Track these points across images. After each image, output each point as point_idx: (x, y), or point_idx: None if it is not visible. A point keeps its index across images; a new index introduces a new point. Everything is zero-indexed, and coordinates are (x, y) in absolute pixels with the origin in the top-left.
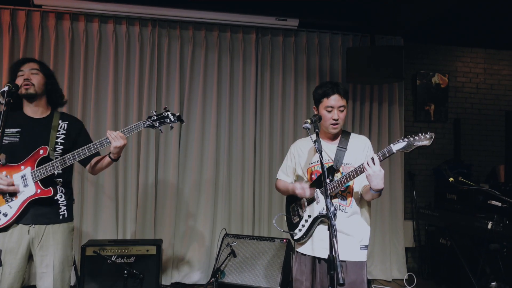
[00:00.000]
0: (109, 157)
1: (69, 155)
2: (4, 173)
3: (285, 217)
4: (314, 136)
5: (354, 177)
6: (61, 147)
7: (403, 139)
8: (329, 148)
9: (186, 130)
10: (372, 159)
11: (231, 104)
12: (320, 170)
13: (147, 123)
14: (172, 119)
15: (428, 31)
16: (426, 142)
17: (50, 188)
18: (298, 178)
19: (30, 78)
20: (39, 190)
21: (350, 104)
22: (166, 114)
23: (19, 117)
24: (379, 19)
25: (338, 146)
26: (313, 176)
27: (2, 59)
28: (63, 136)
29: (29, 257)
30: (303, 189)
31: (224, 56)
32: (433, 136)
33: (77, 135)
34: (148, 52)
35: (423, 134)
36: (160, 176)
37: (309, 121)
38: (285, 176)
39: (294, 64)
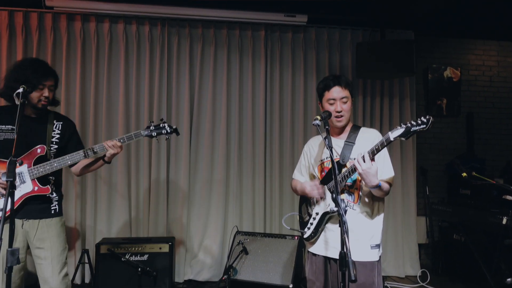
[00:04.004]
0: (103, 160)
1: (67, 156)
2: (1, 171)
3: (298, 216)
4: (324, 133)
5: (351, 175)
6: (55, 146)
7: (401, 126)
8: (337, 143)
9: (196, 128)
10: (363, 156)
11: (241, 102)
12: (330, 166)
13: (146, 132)
14: (169, 131)
15: (439, 24)
16: (423, 126)
17: (48, 186)
18: (313, 177)
19: (50, 96)
20: (36, 188)
21: (361, 100)
22: (163, 125)
23: (14, 114)
24: (388, 13)
25: (345, 141)
26: (323, 173)
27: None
28: (57, 136)
29: (27, 248)
30: (312, 187)
31: (234, 53)
32: (431, 119)
33: (70, 135)
34: (158, 51)
35: (420, 118)
36: (172, 174)
37: (318, 117)
38: (299, 175)
39: (304, 61)
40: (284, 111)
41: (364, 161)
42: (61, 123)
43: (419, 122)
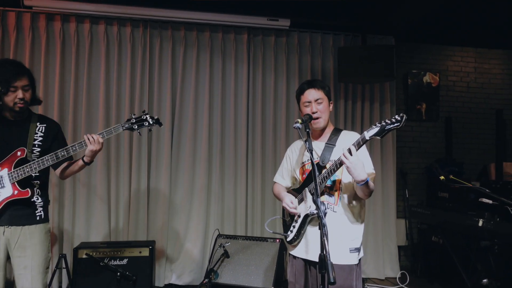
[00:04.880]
0: (82, 160)
1: (47, 157)
2: None
3: (280, 220)
4: (304, 135)
5: (335, 171)
6: (38, 149)
7: (376, 125)
8: (317, 146)
9: (178, 130)
10: (349, 150)
11: (223, 105)
12: (310, 169)
13: (126, 125)
14: (151, 122)
15: (419, 30)
16: (397, 124)
17: (28, 189)
18: (295, 180)
19: (25, 97)
20: (16, 191)
21: (342, 103)
22: (145, 117)
23: None
24: (370, 19)
25: (326, 143)
26: (304, 176)
27: None
28: (40, 139)
29: (8, 258)
30: (287, 204)
31: (216, 56)
32: (404, 116)
33: (54, 138)
34: (140, 53)
35: (394, 117)
36: (153, 177)
37: (299, 121)
38: (281, 179)
39: (286, 64)
40: (266, 115)
41: (351, 154)
42: (45, 125)
43: (393, 120)
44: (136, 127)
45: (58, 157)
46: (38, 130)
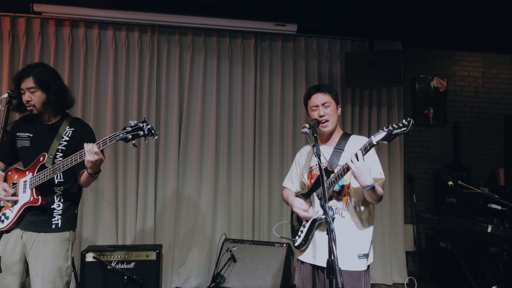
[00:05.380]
0: (87, 171)
1: (60, 163)
2: (12, 181)
3: (288, 224)
4: (312, 140)
5: (342, 176)
6: (61, 154)
7: (383, 130)
8: (326, 150)
9: (185, 135)
10: (356, 155)
11: (230, 110)
12: (318, 173)
13: (120, 135)
14: (146, 132)
15: (426, 35)
16: (404, 129)
17: (39, 197)
18: (304, 185)
19: (31, 99)
20: (31, 198)
21: (349, 108)
22: (142, 126)
23: (32, 122)
24: (377, 24)
25: (335, 148)
26: (312, 181)
27: (2, 66)
28: (65, 143)
29: (25, 262)
30: (299, 209)
31: (223, 61)
32: (411, 121)
33: (79, 142)
34: (148, 58)
35: (402, 121)
36: (160, 181)
37: (307, 125)
38: (290, 184)
39: (293, 69)
40: (274, 120)
41: (358, 159)
42: (73, 129)
43: (400, 125)
44: (130, 137)
45: (67, 165)
46: (64, 134)
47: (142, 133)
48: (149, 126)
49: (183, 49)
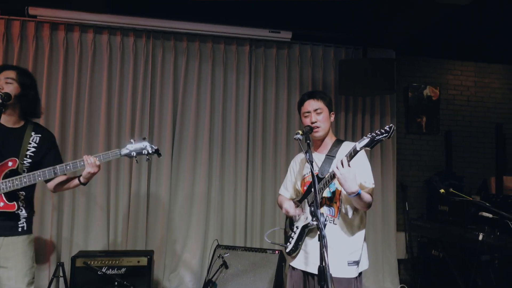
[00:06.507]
0: (79, 180)
1: (39, 172)
2: None
3: (281, 231)
4: (305, 147)
5: (330, 182)
6: (29, 160)
7: (367, 136)
8: (318, 157)
9: (179, 140)
10: (341, 161)
11: (224, 116)
12: (311, 180)
13: (125, 152)
14: (150, 151)
15: (420, 44)
16: (385, 135)
17: (14, 202)
18: (298, 192)
19: (3, 87)
20: (1, 204)
21: (343, 116)
22: (144, 146)
23: None
24: (371, 32)
25: (326, 155)
26: (304, 188)
27: None
28: (33, 149)
29: None
30: (289, 206)
31: (218, 67)
32: (393, 127)
33: (48, 150)
34: (142, 63)
35: (384, 128)
36: (152, 187)
37: (300, 132)
38: (285, 191)
39: (287, 76)
40: (267, 126)
41: (343, 166)
42: (40, 136)
43: (383, 131)
44: (135, 154)
45: (56, 173)
46: (32, 140)
47: (146, 152)
48: (152, 146)
49: (178, 55)
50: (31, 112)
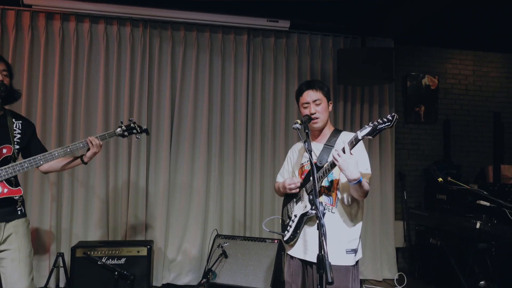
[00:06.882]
0: (81, 160)
1: (40, 156)
2: None
3: (279, 219)
4: (304, 136)
5: (329, 171)
6: (17, 146)
7: (368, 125)
8: (316, 147)
9: (177, 130)
10: (343, 149)
11: (222, 105)
12: (309, 169)
13: (118, 132)
14: (139, 130)
15: (418, 33)
16: (388, 124)
17: (19, 187)
18: None
19: (5, 81)
20: (6, 190)
21: (341, 105)
22: (133, 126)
23: None
24: (369, 21)
25: (325, 144)
26: (302, 176)
27: None
28: (18, 136)
29: None
30: (290, 179)
31: (216, 57)
32: (396, 116)
33: (31, 136)
34: (139, 53)
35: (386, 117)
36: (151, 177)
37: (299, 121)
38: (281, 179)
39: (286, 65)
40: (266, 116)
41: (344, 152)
42: (20, 122)
43: (385, 120)
44: (127, 134)
45: (56, 156)
46: (15, 127)
47: (135, 131)
48: (141, 126)
49: (176, 44)
50: (13, 100)
